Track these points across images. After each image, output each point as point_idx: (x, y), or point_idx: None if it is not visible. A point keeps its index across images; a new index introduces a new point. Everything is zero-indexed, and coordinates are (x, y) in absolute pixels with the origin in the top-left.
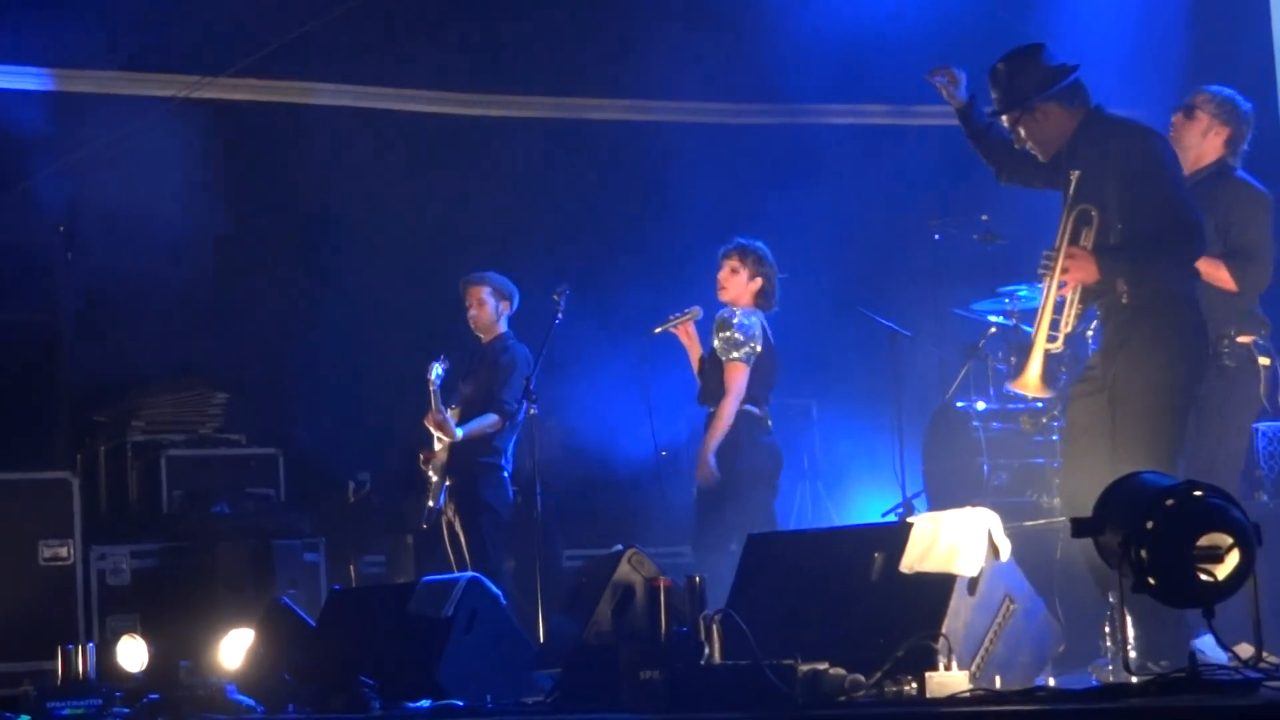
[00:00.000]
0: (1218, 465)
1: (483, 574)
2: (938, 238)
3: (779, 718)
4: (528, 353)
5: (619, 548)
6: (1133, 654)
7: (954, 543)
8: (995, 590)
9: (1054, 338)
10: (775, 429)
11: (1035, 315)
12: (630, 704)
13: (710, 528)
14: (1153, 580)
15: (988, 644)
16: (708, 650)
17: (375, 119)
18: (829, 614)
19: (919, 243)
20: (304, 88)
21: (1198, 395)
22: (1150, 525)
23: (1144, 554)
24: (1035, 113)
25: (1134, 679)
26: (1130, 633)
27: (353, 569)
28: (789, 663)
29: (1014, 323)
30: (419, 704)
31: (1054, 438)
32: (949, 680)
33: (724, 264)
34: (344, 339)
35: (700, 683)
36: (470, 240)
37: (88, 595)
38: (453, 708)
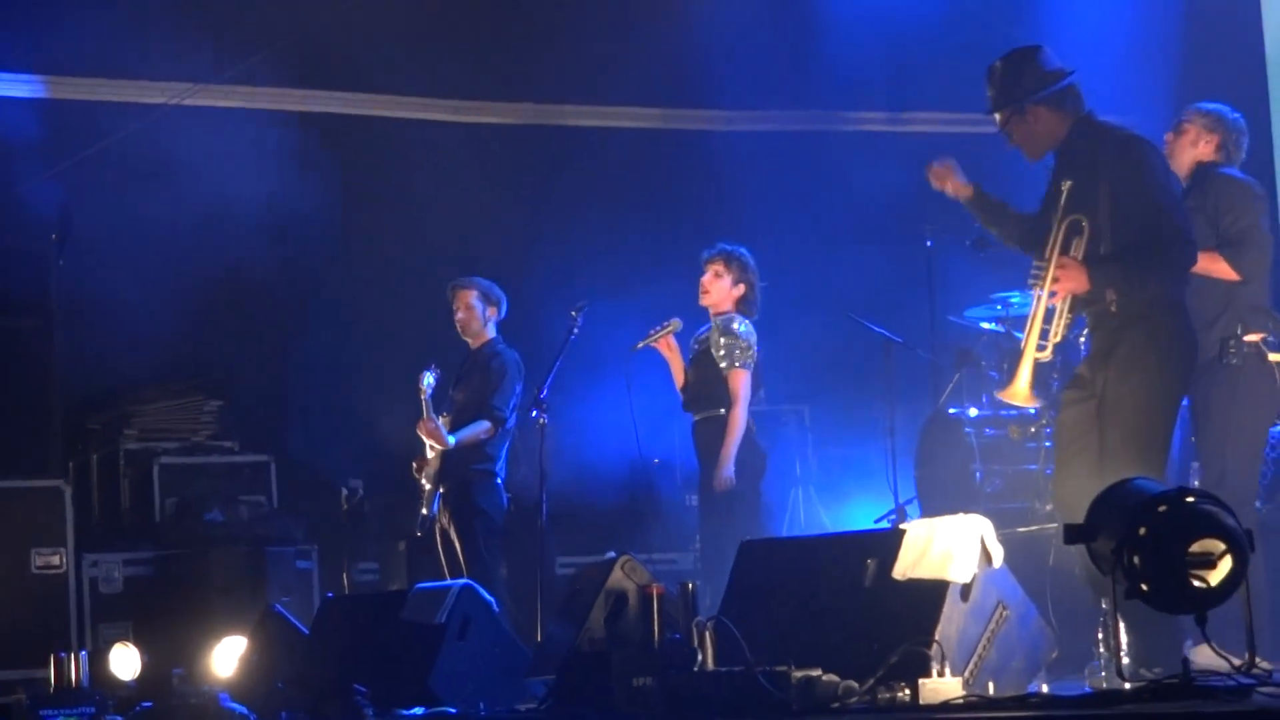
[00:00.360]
0: (1229, 474)
1: (476, 581)
2: (930, 244)
3: None
4: (518, 358)
5: (612, 555)
6: (1126, 660)
7: (947, 549)
8: (988, 597)
9: (1043, 347)
10: (769, 435)
11: (1026, 323)
12: (624, 711)
13: (718, 533)
14: (1145, 586)
15: (981, 650)
16: (701, 657)
17: (367, 126)
18: (822, 620)
19: (911, 249)
20: (296, 95)
21: (1182, 403)
22: (1143, 531)
23: (1137, 560)
24: (1025, 114)
25: (1127, 685)
26: (1124, 639)
27: (346, 576)
28: (782, 669)
29: (1006, 329)
30: (412, 711)
31: (1046, 444)
32: (942, 687)
33: (707, 268)
34: (336, 346)
35: (693, 689)
36: (463, 247)
37: (80, 603)
38: (446, 715)
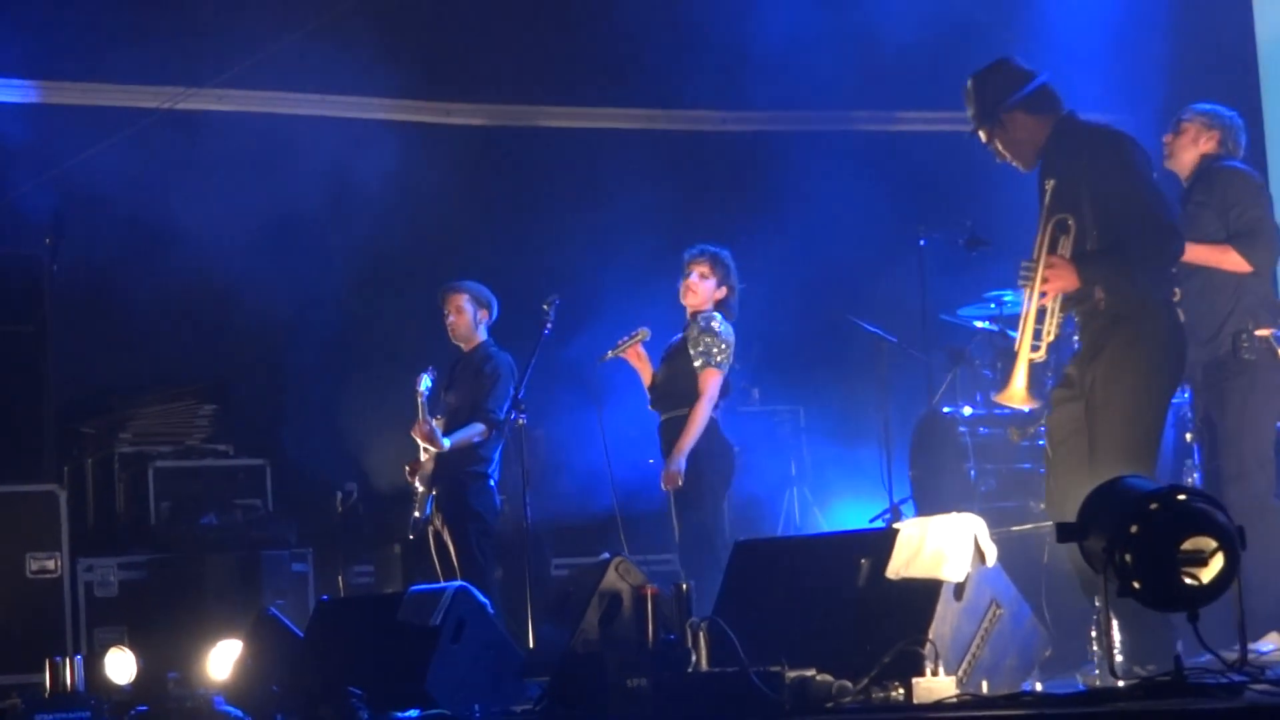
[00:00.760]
0: (1249, 469)
1: (470, 583)
2: (923, 244)
3: None
4: (511, 360)
5: (606, 556)
6: (1119, 658)
7: (940, 548)
8: (982, 595)
9: (1037, 347)
10: (763, 435)
11: (1019, 323)
12: (618, 712)
13: (691, 532)
14: (1137, 585)
15: (974, 649)
16: (695, 658)
17: (357, 129)
18: (816, 620)
19: (904, 249)
20: (287, 98)
21: (1171, 401)
22: (1134, 530)
23: (1128, 558)
24: (1004, 123)
25: (1120, 683)
26: (1116, 637)
27: (341, 579)
28: (776, 669)
29: (1000, 328)
30: (407, 713)
31: (1040, 443)
32: (936, 686)
33: (692, 269)
34: (330, 349)
35: (687, 690)
36: (456, 250)
37: (75, 607)
38: (441, 717)
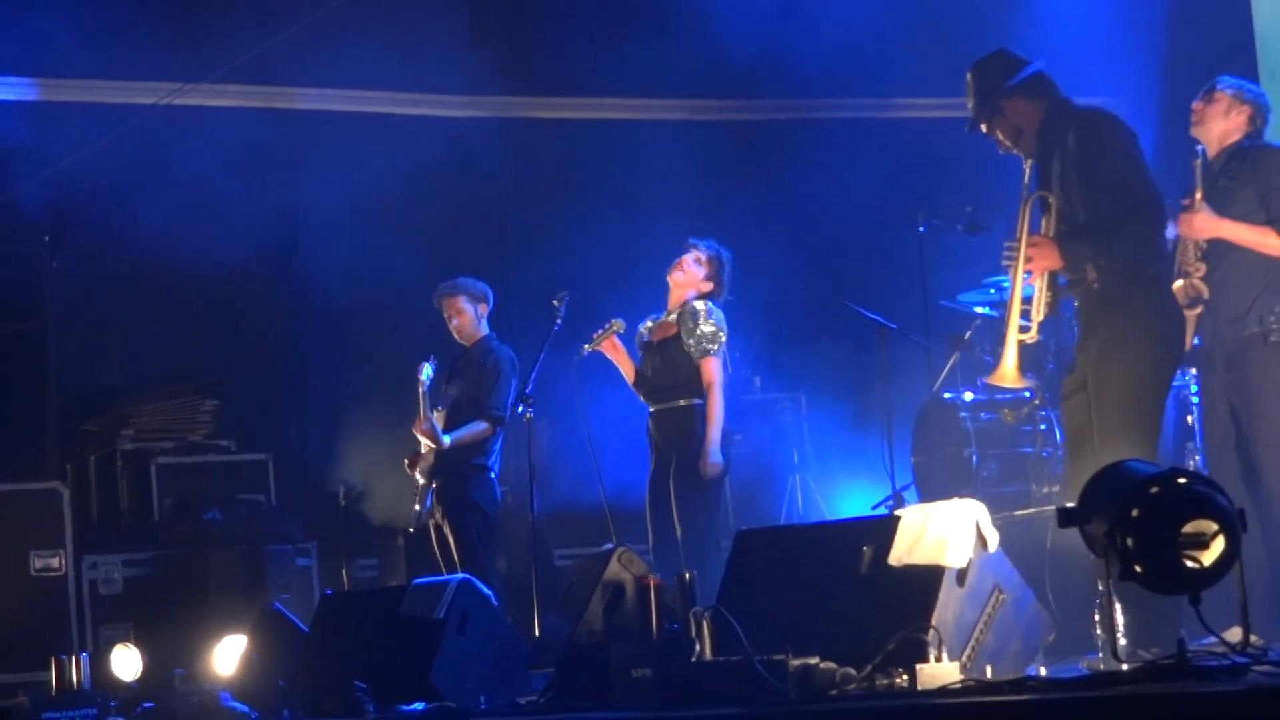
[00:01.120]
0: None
1: (472, 575)
2: (922, 230)
3: (771, 713)
4: (512, 354)
5: (609, 546)
6: (1122, 641)
7: (942, 534)
8: (984, 581)
9: (1026, 328)
10: (764, 422)
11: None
12: (622, 702)
13: (695, 520)
14: (1139, 568)
15: (978, 635)
16: (699, 647)
17: (360, 122)
18: (819, 608)
19: (904, 235)
20: (288, 92)
21: (1170, 383)
22: (1135, 513)
23: (1130, 542)
24: (1003, 109)
25: (1124, 666)
26: (1120, 620)
27: (345, 573)
28: (780, 658)
29: (1000, 313)
30: (413, 706)
31: (1041, 427)
32: (940, 672)
33: (691, 251)
34: (331, 343)
35: (692, 679)
36: (458, 242)
37: (80, 605)
38: (447, 709)
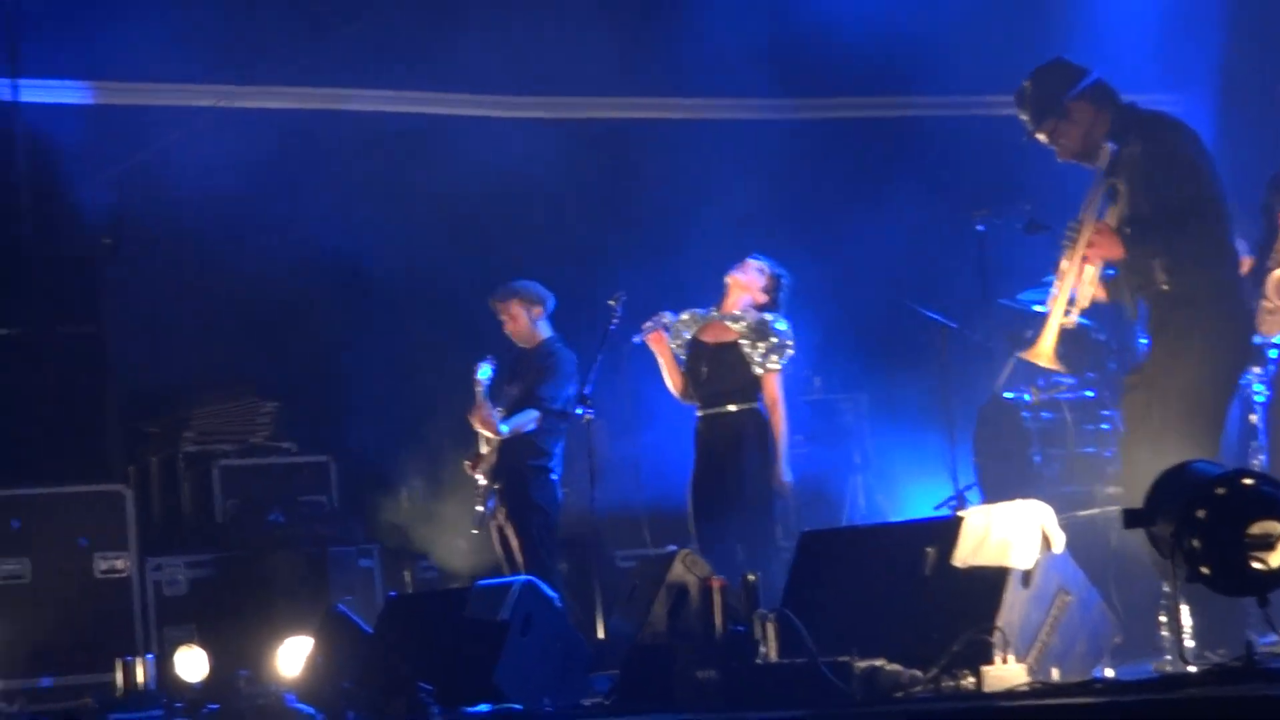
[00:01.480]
0: None
1: (535, 576)
2: (981, 229)
3: (836, 715)
4: (574, 357)
5: (672, 548)
6: (1190, 643)
7: (1006, 536)
8: (1049, 582)
9: (1069, 312)
10: (826, 423)
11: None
12: (687, 704)
13: (753, 529)
14: (1205, 570)
15: (1044, 636)
16: (763, 649)
17: (416, 122)
18: (884, 610)
19: (963, 234)
20: (343, 94)
21: (1236, 384)
22: (1201, 514)
23: (1196, 543)
24: (1069, 113)
25: (1191, 668)
26: (1187, 622)
27: (407, 574)
28: (845, 659)
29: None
30: (477, 708)
31: (1104, 426)
32: (1006, 673)
33: (750, 265)
34: (392, 343)
35: (756, 681)
36: (517, 242)
37: (145, 606)
38: (511, 711)
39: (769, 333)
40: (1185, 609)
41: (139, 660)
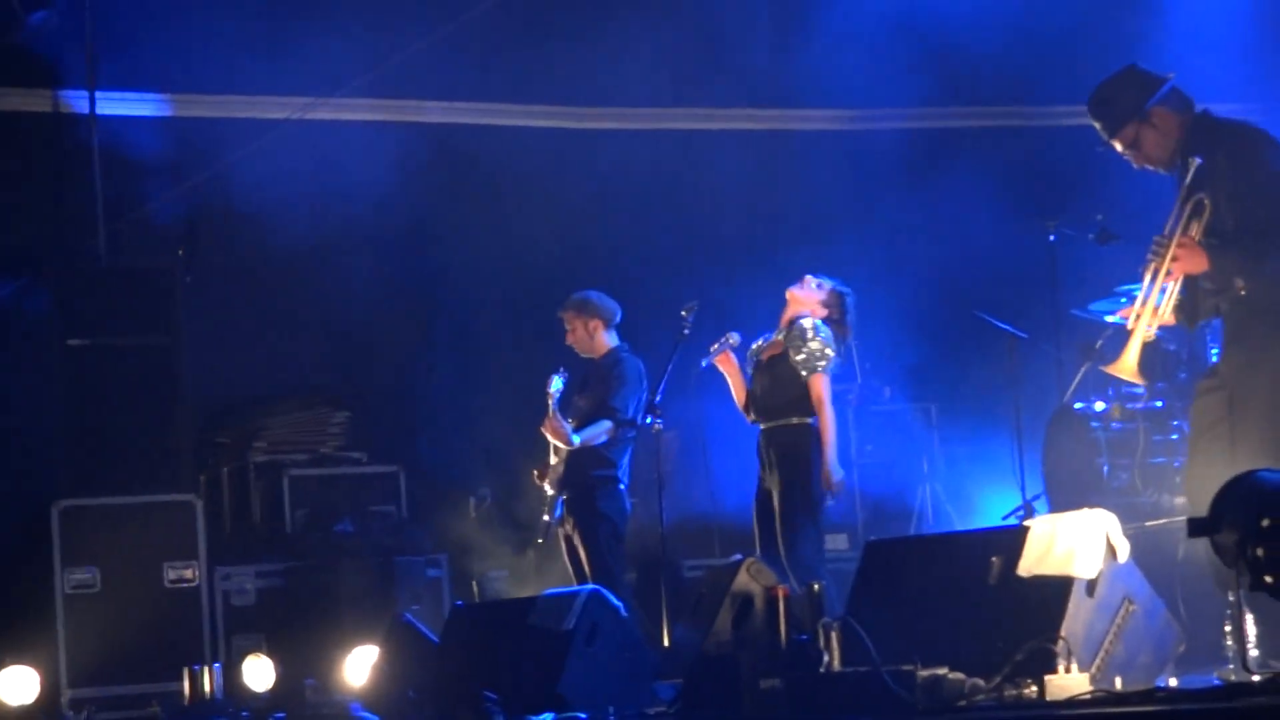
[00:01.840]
0: None
1: (602, 585)
2: (1053, 239)
3: None
4: (641, 366)
5: (738, 557)
6: (1255, 653)
7: (1071, 545)
8: (1114, 592)
9: (1149, 325)
10: (895, 433)
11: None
12: (751, 713)
13: (809, 538)
14: (1270, 579)
15: (1108, 645)
16: (827, 658)
17: (490, 134)
18: (947, 619)
19: (1035, 244)
20: (416, 106)
21: None
22: (1266, 524)
23: (1260, 552)
24: (1150, 119)
25: (1255, 678)
26: (1252, 631)
27: (475, 584)
28: (908, 668)
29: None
30: (542, 717)
31: (1173, 436)
32: (1069, 683)
33: (809, 280)
34: (462, 355)
35: (821, 690)
36: (589, 254)
37: (213, 615)
38: None
39: (808, 336)
40: (1250, 618)
41: (206, 669)
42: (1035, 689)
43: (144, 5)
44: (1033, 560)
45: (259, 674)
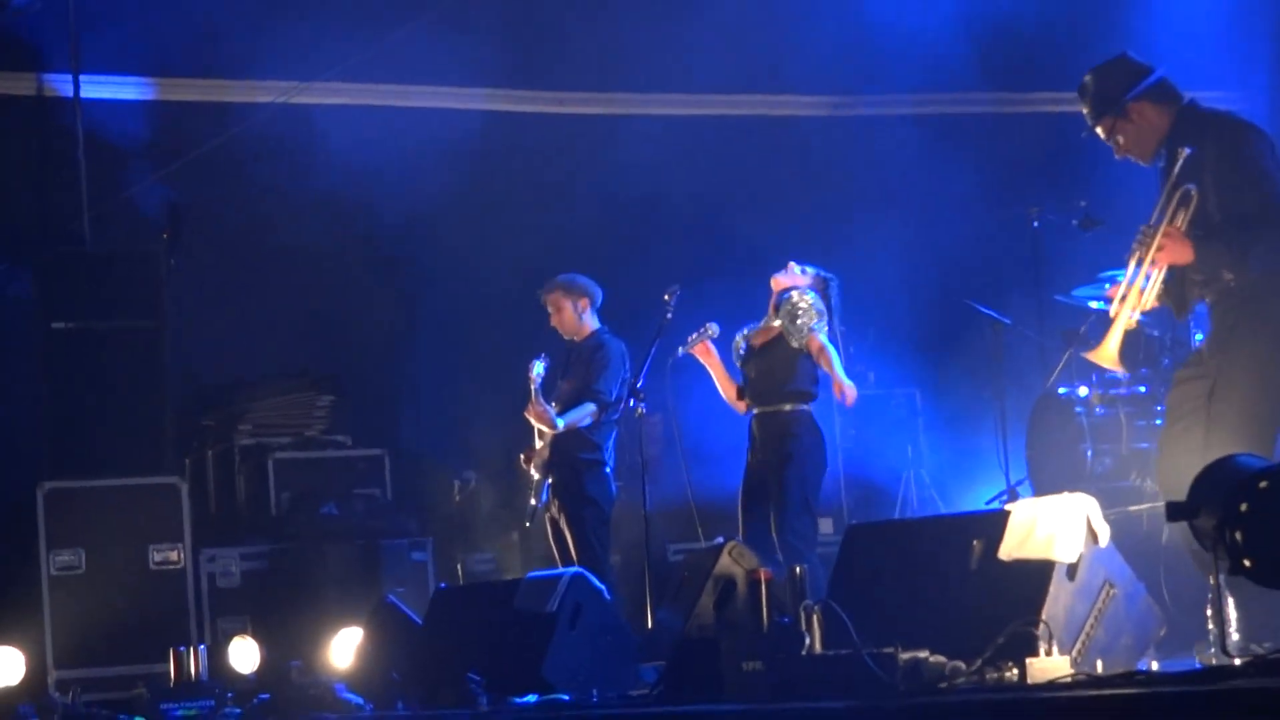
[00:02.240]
0: None
1: (587, 569)
2: (1037, 225)
3: (880, 706)
4: (623, 347)
5: (720, 540)
6: (1235, 636)
7: (1052, 529)
8: (1095, 575)
9: (1131, 314)
10: (879, 418)
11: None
12: (733, 695)
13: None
14: (1249, 563)
15: (1088, 629)
16: (809, 640)
17: (472, 120)
18: (929, 602)
19: (1018, 230)
20: (398, 90)
21: None
22: (1244, 508)
23: (1239, 536)
24: (1129, 114)
25: (1236, 661)
26: (1233, 615)
27: (460, 567)
28: (889, 651)
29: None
30: (525, 698)
31: (1157, 422)
32: (1050, 666)
33: (793, 267)
34: (446, 339)
35: (802, 673)
36: (571, 239)
37: (198, 598)
38: (558, 702)
39: (794, 303)
40: (1230, 602)
41: (192, 651)
42: (1016, 672)
43: None
44: (1014, 544)
45: (244, 656)
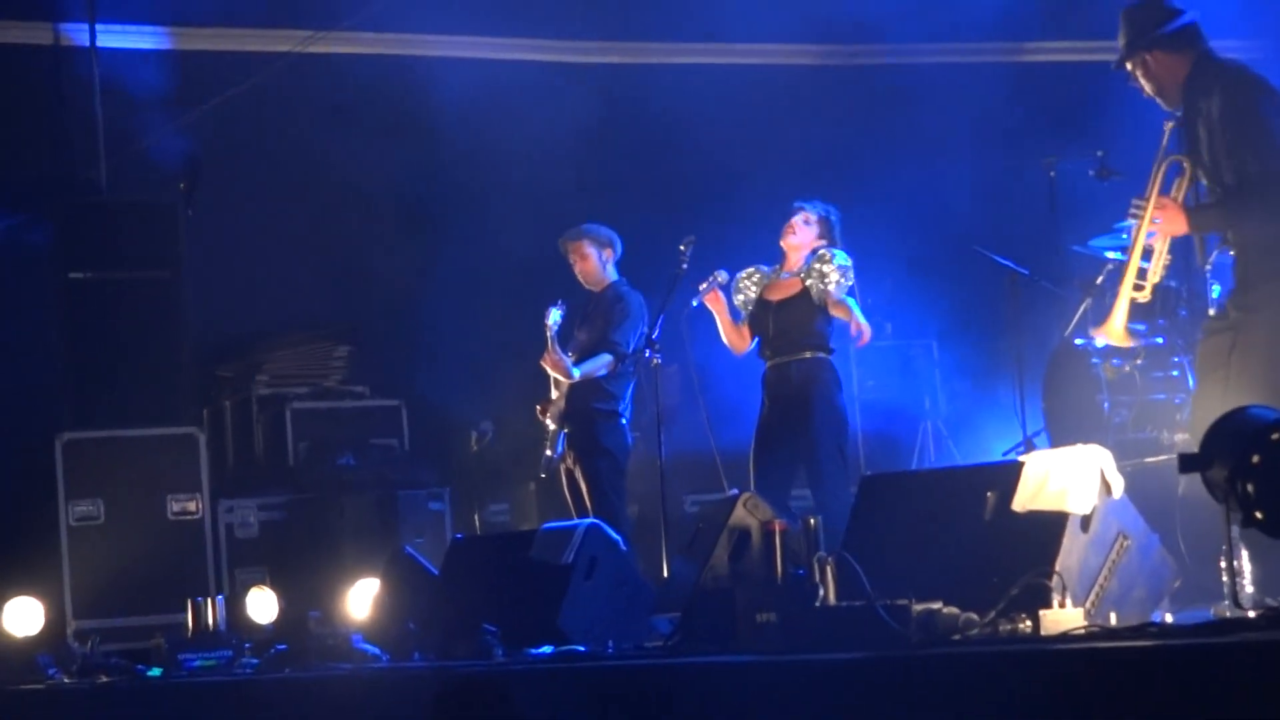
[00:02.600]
0: None
1: (603, 520)
2: (1053, 175)
3: (893, 657)
4: (641, 299)
5: (734, 492)
6: (1249, 589)
7: (1066, 481)
8: (1109, 527)
9: (1140, 287)
10: (896, 370)
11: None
12: (747, 646)
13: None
14: (1260, 515)
15: (1102, 581)
16: (822, 592)
17: (491, 69)
18: (942, 554)
19: (1035, 181)
20: (420, 40)
21: None
22: (1256, 459)
23: (1250, 488)
24: (1145, 59)
25: (1249, 614)
26: (1247, 568)
27: (477, 518)
28: (903, 603)
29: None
30: (541, 650)
31: (1174, 373)
32: (1063, 618)
33: (799, 213)
34: (464, 289)
35: (815, 624)
36: (589, 188)
37: (216, 548)
38: (574, 653)
39: (829, 263)
40: (1245, 554)
41: (210, 601)
42: (1030, 624)
43: None
44: (1027, 496)
45: (262, 606)
